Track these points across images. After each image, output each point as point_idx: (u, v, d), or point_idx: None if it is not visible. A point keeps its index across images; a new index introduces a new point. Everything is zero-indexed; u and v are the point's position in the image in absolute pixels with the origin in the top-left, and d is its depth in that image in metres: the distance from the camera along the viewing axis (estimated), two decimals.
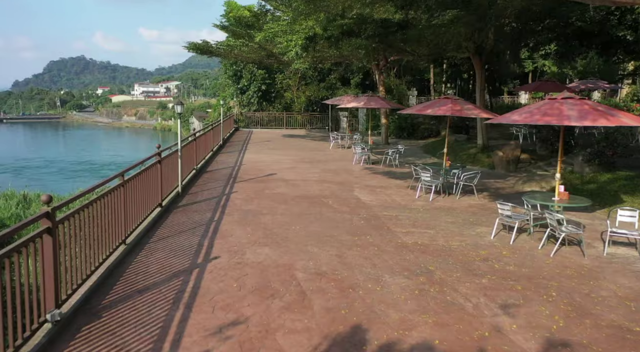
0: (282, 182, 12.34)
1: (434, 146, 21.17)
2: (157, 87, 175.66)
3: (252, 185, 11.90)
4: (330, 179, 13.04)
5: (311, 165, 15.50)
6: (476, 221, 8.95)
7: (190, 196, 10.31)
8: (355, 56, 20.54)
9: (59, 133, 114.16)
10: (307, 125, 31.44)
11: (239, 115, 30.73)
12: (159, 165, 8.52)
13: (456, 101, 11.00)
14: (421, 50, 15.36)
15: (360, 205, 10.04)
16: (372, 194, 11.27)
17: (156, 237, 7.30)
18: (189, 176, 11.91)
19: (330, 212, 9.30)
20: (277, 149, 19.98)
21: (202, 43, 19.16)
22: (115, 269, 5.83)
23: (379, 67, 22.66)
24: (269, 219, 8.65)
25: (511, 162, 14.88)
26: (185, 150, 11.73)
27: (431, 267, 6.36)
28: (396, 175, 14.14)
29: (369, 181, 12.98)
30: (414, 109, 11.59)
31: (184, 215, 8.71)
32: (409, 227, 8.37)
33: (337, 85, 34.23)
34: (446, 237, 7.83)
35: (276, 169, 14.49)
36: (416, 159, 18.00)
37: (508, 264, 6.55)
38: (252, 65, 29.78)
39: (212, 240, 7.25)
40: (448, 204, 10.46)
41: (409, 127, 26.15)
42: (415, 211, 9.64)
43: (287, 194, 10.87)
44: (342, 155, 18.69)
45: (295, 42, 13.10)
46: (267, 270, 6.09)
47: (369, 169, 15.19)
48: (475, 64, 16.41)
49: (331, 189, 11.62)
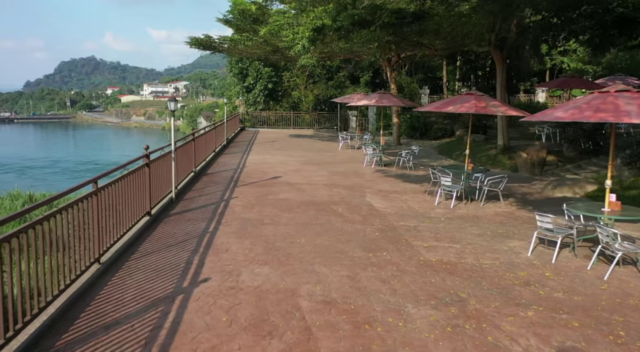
0: (287, 186, 11.32)
1: (448, 147, 20.01)
2: (165, 87, 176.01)
3: (255, 189, 10.90)
4: (339, 183, 11.99)
5: (319, 168, 14.46)
6: (507, 233, 7.84)
7: (186, 202, 9.33)
8: (365, 51, 19.47)
9: (69, 133, 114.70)
10: (315, 125, 30.41)
11: (244, 115, 29.79)
12: (147, 168, 7.55)
13: (480, 97, 9.88)
14: (438, 44, 14.25)
15: (373, 213, 8.98)
16: (386, 200, 10.20)
17: (139, 252, 6.31)
18: (186, 180, 10.95)
19: (340, 222, 8.26)
20: (283, 150, 18.98)
21: (205, 38, 18.19)
22: (81, 297, 4.84)
23: (391, 64, 21.55)
24: (270, 230, 7.63)
25: (536, 165, 13.71)
26: (183, 151, 10.77)
27: (463, 294, 5.29)
28: (411, 178, 13.05)
29: (382, 185, 11.91)
30: (433, 106, 10.50)
31: (175, 225, 7.72)
32: (430, 241, 7.30)
33: (345, 84, 33.15)
34: (475, 253, 6.75)
35: (281, 172, 13.48)
36: (431, 161, 16.88)
37: (555, 290, 5.45)
38: (258, 63, 28.82)
39: (204, 256, 6.24)
40: (472, 211, 9.36)
41: (421, 127, 25.00)
42: (436, 221, 8.56)
43: (292, 200, 9.84)
44: (352, 156, 17.63)
45: (302, 35, 12.07)
46: (265, 297, 5.06)
47: (381, 172, 14.12)
48: (496, 58, 15.25)
49: (341, 195, 10.58)
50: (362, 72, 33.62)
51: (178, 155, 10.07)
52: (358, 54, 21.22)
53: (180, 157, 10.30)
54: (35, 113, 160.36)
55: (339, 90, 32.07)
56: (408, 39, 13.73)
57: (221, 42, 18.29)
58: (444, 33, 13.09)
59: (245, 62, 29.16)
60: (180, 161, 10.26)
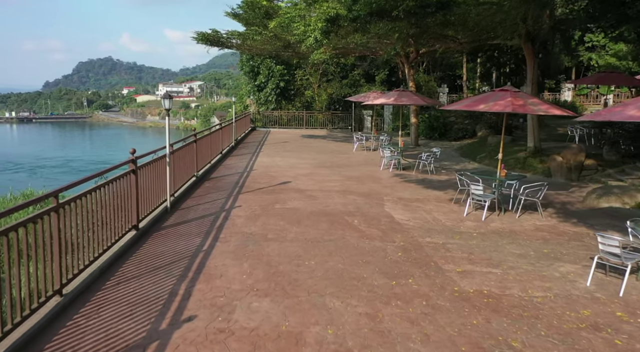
0: (297, 193, 10.24)
1: (471, 148, 18.69)
2: (180, 87, 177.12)
3: (261, 197, 9.84)
4: (354, 189, 10.87)
5: (332, 172, 13.35)
6: (554, 253, 6.62)
7: (182, 213, 8.31)
8: (382, 47, 18.29)
9: (85, 133, 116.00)
10: (329, 125, 29.28)
11: (256, 114, 28.83)
12: (132, 176, 6.55)
13: (516, 94, 8.65)
14: (463, 36, 13.00)
15: (394, 226, 7.84)
16: (407, 210, 9.04)
17: (116, 278, 5.29)
18: (185, 186, 9.95)
19: (356, 238, 7.14)
20: (294, 152, 17.91)
21: (212, 33, 17.23)
22: (30, 343, 3.83)
23: (409, 61, 20.32)
24: (275, 248, 6.56)
25: (573, 169, 12.37)
26: (183, 154, 9.79)
27: (515, 343, 4.13)
28: (433, 184, 11.85)
29: (402, 192, 10.75)
30: (462, 104, 9.28)
31: (165, 241, 6.70)
32: (464, 263, 6.13)
33: (360, 82, 31.94)
34: (521, 281, 5.56)
35: (291, 176, 12.41)
36: (453, 164, 15.63)
37: (636, 339, 4.25)
38: (269, 61, 27.81)
39: (193, 284, 5.19)
40: (507, 225, 8.14)
41: (440, 127, 23.69)
42: (467, 236, 7.38)
43: (301, 210, 8.76)
44: (368, 158, 16.47)
45: (314, 26, 10.97)
46: (262, 345, 3.98)
47: (399, 176, 12.94)
48: (527, 52, 13.91)
49: (356, 203, 9.45)
50: (378, 70, 32.38)
51: (176, 159, 9.08)
52: (374, 50, 20.05)
53: (178, 161, 9.31)
54: (53, 113, 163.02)
55: (353, 89, 30.90)
56: (430, 31, 12.52)
57: (229, 37, 17.31)
58: (471, 24, 11.83)
59: (256, 59, 28.19)
60: (178, 165, 9.27)
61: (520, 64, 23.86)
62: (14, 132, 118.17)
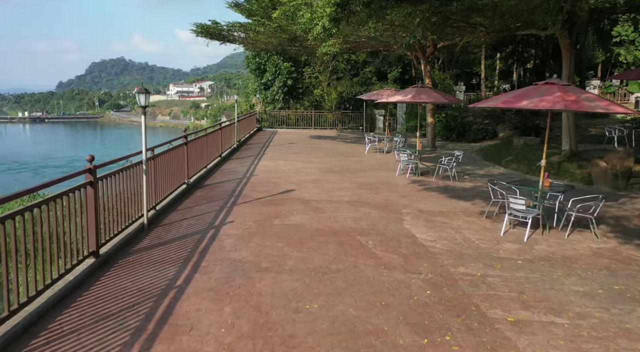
0: (301, 205, 8.82)
1: (494, 151, 17.08)
2: (191, 87, 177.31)
3: (258, 209, 8.44)
4: (368, 200, 9.41)
5: (342, 177, 11.91)
6: (629, 291, 5.11)
7: (161, 230, 6.94)
8: (397, 40, 16.81)
9: (97, 132, 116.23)
10: (339, 125, 27.81)
11: (262, 114, 27.49)
12: (89, 189, 5.19)
13: (566, 88, 7.12)
14: (491, 24, 11.45)
15: (417, 250, 6.37)
16: (431, 226, 7.56)
17: (47, 333, 3.91)
18: (171, 196, 8.59)
19: (372, 267, 5.69)
20: (301, 154, 16.50)
21: (212, 24, 15.87)
22: None
23: (425, 56, 18.78)
24: (268, 282, 5.14)
25: (620, 176, 10.75)
26: (169, 159, 8.44)
27: None
28: (457, 193, 10.34)
29: (423, 203, 9.26)
30: (498, 100, 7.75)
31: (130, 272, 5.32)
32: (515, 308, 4.65)
33: (372, 80, 30.42)
34: (599, 339, 4.06)
35: (295, 183, 10.99)
36: (475, 168, 14.08)
37: None
38: (277, 58, 26.44)
39: (149, 346, 3.79)
40: (556, 248, 6.62)
41: (458, 127, 22.09)
42: (511, 265, 5.88)
43: (305, 227, 7.33)
44: (381, 162, 15.00)
45: (321, 12, 9.54)
46: None
47: (418, 184, 11.45)
48: (563, 44, 12.31)
49: (370, 218, 8.00)
50: (390, 67, 30.83)
51: (160, 164, 7.74)
52: (388, 45, 18.55)
53: (163, 167, 7.96)
54: (65, 113, 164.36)
55: (364, 87, 29.40)
56: (454, 19, 10.99)
57: (230, 29, 15.95)
58: (505, 7, 10.27)
59: (263, 56, 26.85)
60: (162, 172, 7.92)
61: (547, 59, 22.13)
62: (26, 132, 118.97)
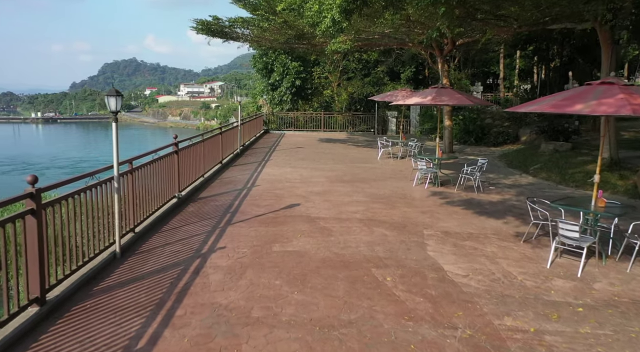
0: (306, 224, 7.63)
1: (519, 157, 15.71)
2: (201, 87, 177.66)
3: (256, 230, 7.27)
4: (383, 217, 8.18)
5: (353, 189, 10.69)
6: None
7: (136, 261, 5.80)
8: (413, 36, 15.53)
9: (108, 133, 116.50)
10: (349, 128, 26.58)
11: (269, 116, 26.39)
12: (31, 219, 4.06)
13: (629, 89, 5.82)
14: (523, 16, 10.14)
15: (448, 290, 5.13)
16: (461, 254, 6.32)
17: None
18: (157, 214, 7.45)
19: (393, 318, 4.47)
20: (308, 160, 15.31)
21: (213, 20, 14.73)
22: None
23: (443, 54, 17.49)
24: (258, 343, 3.95)
25: None
26: (155, 170, 7.32)
27: None
28: (485, 208, 9.06)
29: (447, 221, 8.01)
30: (542, 103, 6.45)
31: (81, 327, 4.17)
32: None
33: (384, 81, 29.17)
34: None
35: (301, 196, 9.81)
36: (500, 177, 12.75)
37: None
38: (284, 57, 25.29)
39: None
40: (621, 286, 5.33)
41: (477, 131, 20.72)
42: (570, 314, 4.62)
43: (309, 256, 6.13)
44: (396, 169, 13.74)
45: (331, 1, 8.35)
46: None
47: (438, 196, 10.19)
48: (603, 39, 10.95)
49: (387, 242, 6.77)
50: (404, 66, 29.53)
51: (143, 178, 6.62)
52: (403, 42, 17.29)
53: (146, 182, 6.84)
54: (77, 113, 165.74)
55: (376, 88, 28.15)
56: (483, 8, 9.71)
57: (232, 24, 14.82)
58: None
59: (270, 55, 25.73)
60: (145, 188, 6.80)
61: (575, 57, 20.65)
62: (38, 133, 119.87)
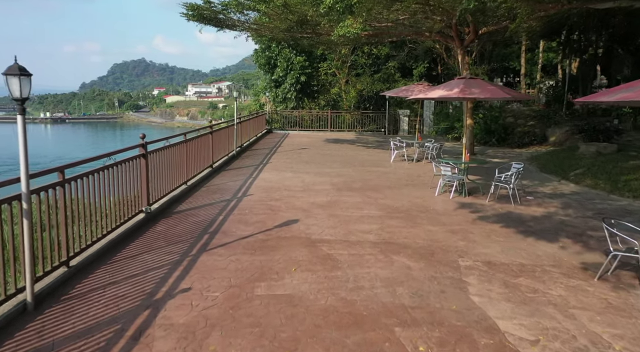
0: (305, 251, 5.86)
1: (553, 161, 13.79)
2: (209, 87, 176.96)
3: (238, 260, 5.52)
4: (403, 240, 6.39)
5: (364, 199, 8.91)
6: None
7: (56, 315, 4.07)
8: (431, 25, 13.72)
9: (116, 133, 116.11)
10: (358, 127, 24.78)
11: (272, 114, 24.69)
12: None
13: None
14: None
15: None
16: (517, 302, 4.51)
17: None
18: (109, 237, 5.74)
19: None
20: (312, 163, 13.55)
21: (204, 4, 12.98)
22: None
23: (464, 45, 15.62)
24: None
25: None
26: (101, 181, 5.62)
27: None
28: (528, 225, 7.23)
29: (486, 246, 6.19)
30: (627, 92, 4.63)
31: None
32: None
33: (395, 77, 27.28)
34: None
35: (301, 208, 8.04)
36: (535, 184, 10.88)
37: None
38: (288, 51, 23.56)
39: None
40: None
41: (499, 130, 18.82)
42: None
43: (305, 305, 4.37)
44: (412, 174, 11.93)
45: None
46: None
47: (468, 208, 8.37)
48: None
49: (413, 280, 4.99)
50: (416, 62, 27.65)
51: (94, 186, 4.92)
52: (419, 30, 15.46)
53: (90, 195, 5.15)
54: (86, 113, 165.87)
55: (387, 84, 26.28)
56: None
57: (225, 8, 13.04)
58: None
59: (273, 49, 24.02)
60: (87, 204, 5.10)
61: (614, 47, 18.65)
62: (47, 132, 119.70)
